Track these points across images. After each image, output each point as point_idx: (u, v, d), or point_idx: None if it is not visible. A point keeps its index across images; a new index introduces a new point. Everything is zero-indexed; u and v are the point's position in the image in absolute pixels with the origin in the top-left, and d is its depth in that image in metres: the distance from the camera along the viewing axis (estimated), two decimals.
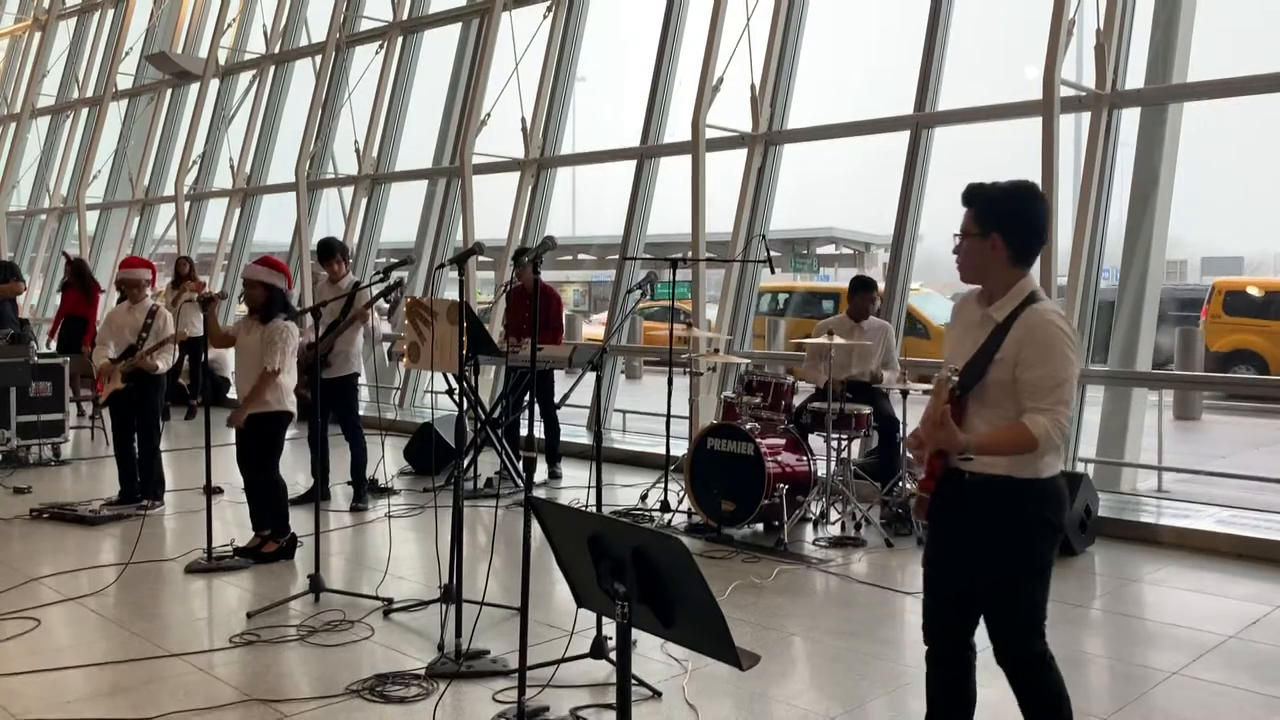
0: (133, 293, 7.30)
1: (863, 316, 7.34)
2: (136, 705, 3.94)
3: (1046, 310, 2.93)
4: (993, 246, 2.97)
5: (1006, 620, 2.99)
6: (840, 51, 16.78)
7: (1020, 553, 2.94)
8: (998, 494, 2.93)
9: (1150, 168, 7.71)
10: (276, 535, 6.02)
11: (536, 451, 5.46)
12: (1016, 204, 2.98)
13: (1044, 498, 2.96)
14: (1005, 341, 2.91)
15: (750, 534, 6.64)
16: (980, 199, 3.01)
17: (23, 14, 21.77)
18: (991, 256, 2.98)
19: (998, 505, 2.93)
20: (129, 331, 7.20)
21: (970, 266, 3.04)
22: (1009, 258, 2.97)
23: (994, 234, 2.96)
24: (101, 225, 18.17)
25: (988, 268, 3.00)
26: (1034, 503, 2.94)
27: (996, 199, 2.99)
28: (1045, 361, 2.85)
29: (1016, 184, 3.01)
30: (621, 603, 2.45)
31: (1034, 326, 2.88)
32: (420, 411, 11.85)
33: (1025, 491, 2.93)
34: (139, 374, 7.12)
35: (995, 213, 2.97)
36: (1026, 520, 2.94)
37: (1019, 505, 2.93)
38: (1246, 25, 9.16)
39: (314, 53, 14.27)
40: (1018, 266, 2.99)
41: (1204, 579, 5.79)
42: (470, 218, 11.35)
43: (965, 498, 2.97)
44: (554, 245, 4.47)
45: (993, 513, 2.94)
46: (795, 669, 4.52)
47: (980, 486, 2.94)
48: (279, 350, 5.85)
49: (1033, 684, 3.01)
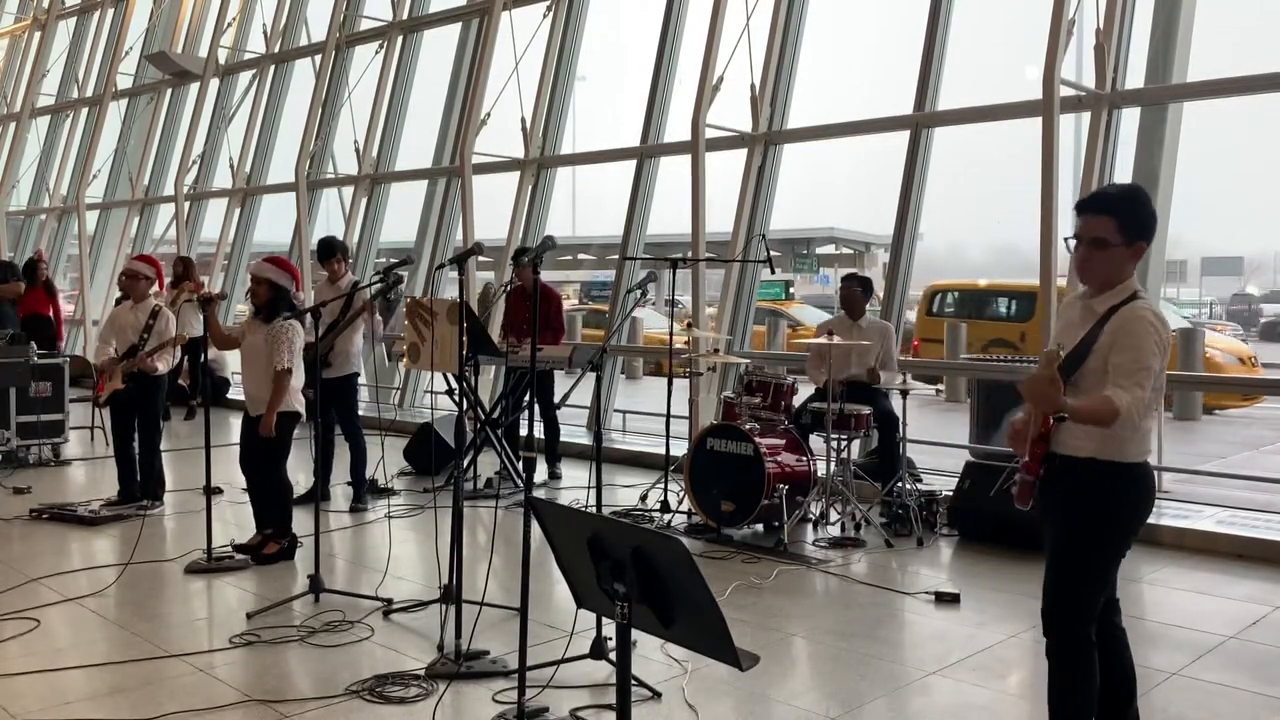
0: (132, 288, 7.29)
1: (858, 313, 7.35)
2: (136, 705, 3.94)
3: (1145, 306, 3.06)
4: (1134, 255, 3.09)
5: (1062, 599, 3.09)
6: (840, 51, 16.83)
7: (1086, 532, 3.07)
8: (1082, 475, 3.06)
9: (1150, 168, 7.71)
10: (278, 535, 6.02)
11: (536, 452, 5.47)
12: (1152, 211, 3.12)
13: (1129, 479, 3.07)
14: (1104, 331, 3.05)
15: (750, 534, 6.64)
16: (1123, 208, 3.08)
17: (23, 14, 21.77)
18: (1129, 264, 3.10)
19: (1081, 485, 3.06)
20: (131, 331, 7.19)
21: (1106, 275, 3.11)
22: (1135, 261, 3.11)
23: (1139, 242, 3.08)
24: (101, 225, 18.16)
25: (1121, 274, 3.10)
26: (1115, 486, 3.06)
27: (1140, 207, 3.10)
28: (1133, 348, 2.97)
29: (1140, 189, 3.17)
30: (621, 603, 2.45)
31: (1130, 319, 3.02)
32: (420, 411, 11.85)
33: (1108, 475, 3.05)
34: (139, 375, 7.12)
35: (1141, 222, 3.08)
36: (1101, 502, 3.06)
37: (1099, 487, 3.05)
38: (1246, 25, 9.17)
39: (314, 52, 14.27)
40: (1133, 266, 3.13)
41: (1204, 579, 5.79)
42: (470, 218, 11.35)
43: (1053, 478, 3.10)
44: (554, 245, 4.47)
45: (1075, 492, 3.06)
46: (795, 669, 4.52)
47: (1067, 467, 3.08)
48: (288, 349, 5.85)
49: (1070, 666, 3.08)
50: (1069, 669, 3.07)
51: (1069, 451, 3.08)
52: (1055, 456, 3.11)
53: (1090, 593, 3.06)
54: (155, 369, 7.12)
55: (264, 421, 5.84)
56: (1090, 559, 3.06)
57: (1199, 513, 6.89)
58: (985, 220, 40.55)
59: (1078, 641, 3.06)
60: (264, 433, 5.84)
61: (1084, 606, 3.06)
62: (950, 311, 16.45)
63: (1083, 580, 3.06)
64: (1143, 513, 3.14)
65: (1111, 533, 3.08)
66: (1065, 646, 3.08)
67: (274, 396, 5.84)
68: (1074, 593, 3.06)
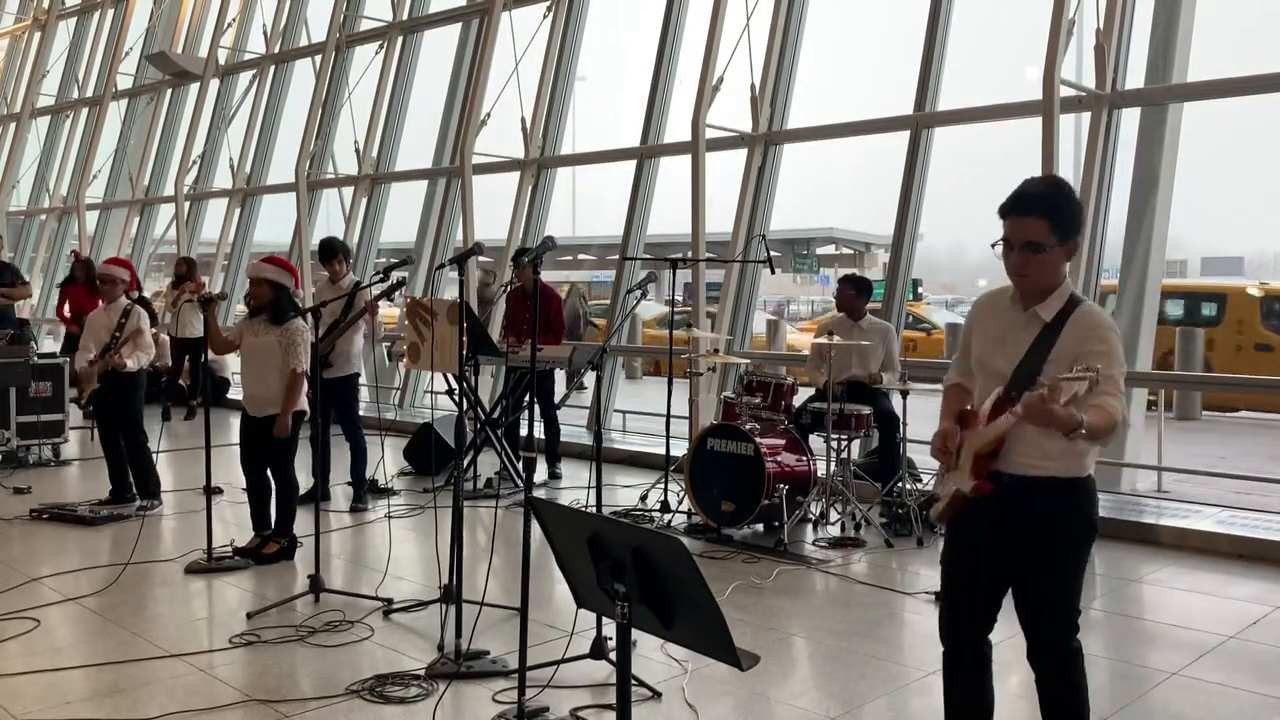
0: (108, 291, 7.30)
1: (858, 314, 7.35)
2: (136, 705, 3.94)
3: (1097, 309, 2.95)
4: (1069, 253, 2.94)
5: (1052, 616, 3.00)
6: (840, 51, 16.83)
7: (1068, 551, 2.98)
8: (1042, 495, 2.94)
9: (1150, 168, 7.71)
10: (278, 535, 6.02)
11: (536, 452, 5.47)
12: (1079, 206, 2.96)
13: (1086, 495, 2.99)
14: (1060, 341, 2.89)
15: (750, 534, 6.64)
16: (1052, 207, 2.91)
17: (23, 14, 21.77)
18: (1063, 264, 2.95)
19: (1044, 506, 2.95)
20: (105, 332, 7.22)
21: (1045, 279, 2.94)
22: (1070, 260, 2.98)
23: (1071, 241, 2.93)
24: (101, 225, 18.17)
25: (1057, 276, 2.94)
26: (1080, 502, 2.98)
27: (1070, 203, 2.92)
28: (1107, 354, 2.83)
29: (1062, 182, 2.98)
30: (621, 603, 2.45)
31: (1093, 325, 2.88)
32: (420, 412, 11.85)
33: (1069, 492, 2.96)
34: (112, 374, 7.13)
35: (1073, 219, 2.92)
36: (1072, 520, 2.97)
37: (1064, 506, 2.95)
38: (1246, 25, 9.17)
39: (314, 53, 14.27)
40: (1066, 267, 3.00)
41: (1204, 579, 5.79)
42: (470, 218, 11.35)
43: (1004, 499, 2.96)
44: (554, 245, 4.47)
45: (1038, 514, 2.95)
46: (795, 669, 4.52)
47: (1022, 488, 2.95)
48: (302, 350, 5.85)
49: (1066, 674, 3.03)
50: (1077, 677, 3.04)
51: (1024, 471, 2.93)
52: (1002, 475, 2.95)
53: (1077, 603, 3.03)
54: (124, 365, 7.10)
55: (279, 423, 5.83)
56: (1075, 575, 3.00)
57: (1199, 513, 6.89)
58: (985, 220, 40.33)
59: (1073, 651, 3.03)
60: (279, 434, 5.84)
61: (1075, 617, 3.03)
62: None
63: (1076, 592, 3.02)
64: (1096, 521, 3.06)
65: (1086, 546, 3.02)
66: (1064, 661, 3.03)
67: (289, 398, 5.83)
68: (1071, 605, 3.01)
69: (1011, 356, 2.95)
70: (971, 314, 3.21)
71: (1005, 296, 3.05)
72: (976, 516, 3.03)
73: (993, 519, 3.00)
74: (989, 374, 3.03)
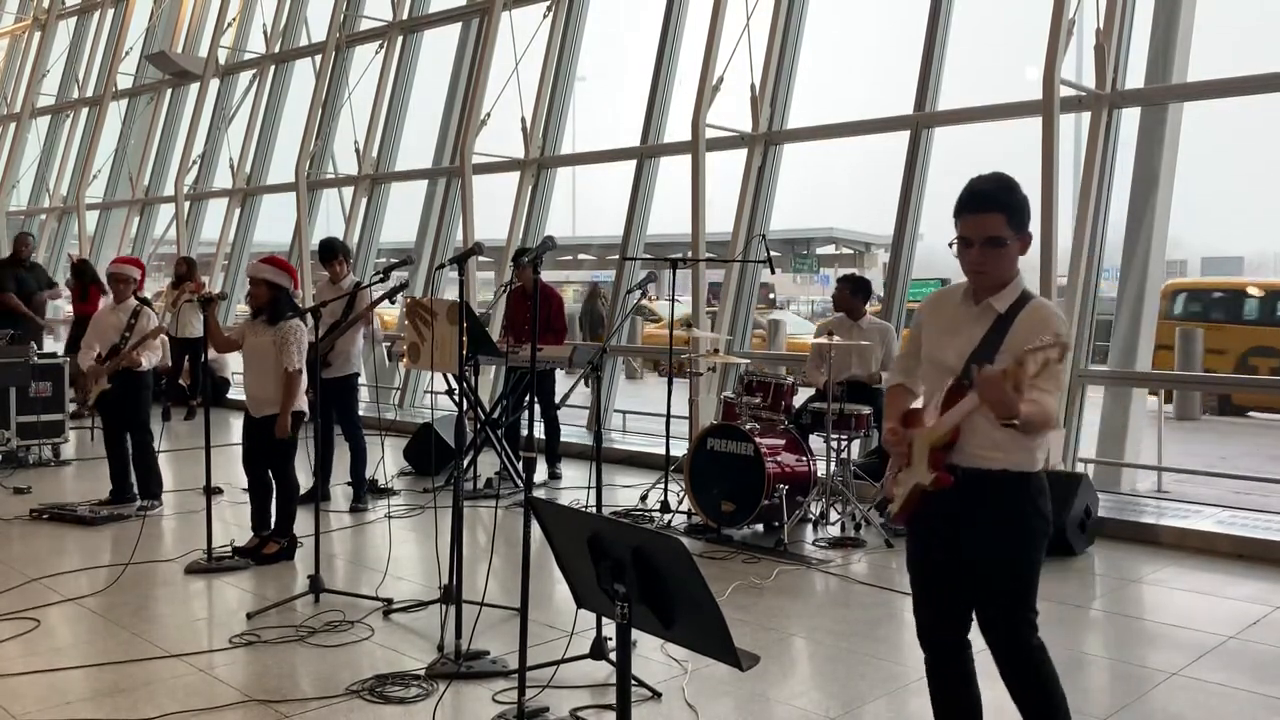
0: (118, 290, 7.29)
1: (857, 314, 7.35)
2: (136, 705, 3.94)
3: (1050, 303, 2.94)
4: (1024, 246, 2.95)
5: (1010, 614, 2.97)
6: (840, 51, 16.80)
7: (1023, 546, 2.94)
8: (997, 488, 2.92)
9: (1150, 168, 7.71)
10: (278, 534, 6.02)
11: (536, 452, 5.47)
12: (1026, 198, 2.95)
13: (1040, 491, 2.96)
14: (1011, 331, 2.88)
15: (750, 534, 6.64)
16: (1008, 203, 2.91)
17: (23, 14, 21.77)
18: (1017, 257, 2.95)
19: (999, 499, 2.92)
20: (113, 331, 7.21)
21: (1002, 274, 2.94)
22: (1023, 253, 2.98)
23: (1025, 233, 2.94)
24: (101, 225, 18.17)
25: (1011, 269, 2.95)
26: (1033, 496, 2.94)
27: (1020, 197, 2.93)
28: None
29: (1008, 177, 2.96)
30: (621, 603, 2.45)
31: (1045, 319, 2.87)
32: (420, 412, 11.85)
33: (1023, 485, 2.93)
34: (124, 373, 7.12)
35: (1025, 212, 2.94)
36: (1027, 514, 2.94)
37: (1019, 499, 2.92)
38: (1246, 25, 9.17)
39: (314, 53, 14.27)
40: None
41: (1204, 579, 5.79)
42: (470, 218, 11.35)
43: (960, 492, 2.93)
44: (554, 245, 4.47)
45: (994, 507, 2.92)
46: (795, 669, 4.52)
47: (977, 481, 2.92)
48: (296, 350, 5.85)
49: (1032, 672, 3.00)
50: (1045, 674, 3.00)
51: (978, 464, 2.91)
52: (956, 468, 2.93)
53: (1034, 600, 2.99)
54: (138, 364, 7.11)
55: (279, 424, 5.83)
56: (1033, 571, 2.97)
57: (1199, 513, 6.89)
58: None
59: (1034, 648, 2.98)
60: (280, 435, 5.84)
61: (1033, 615, 2.98)
62: (1196, 313, 14.31)
63: (1033, 589, 2.98)
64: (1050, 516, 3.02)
65: (1043, 541, 2.98)
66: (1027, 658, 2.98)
67: (286, 398, 5.84)
68: (1026, 605, 2.97)
69: (963, 349, 2.94)
70: (920, 312, 3.18)
71: (956, 293, 3.04)
72: (938, 512, 2.99)
73: (953, 513, 2.97)
74: (939, 369, 3.01)
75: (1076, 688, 4.20)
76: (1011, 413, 2.66)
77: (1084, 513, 6.29)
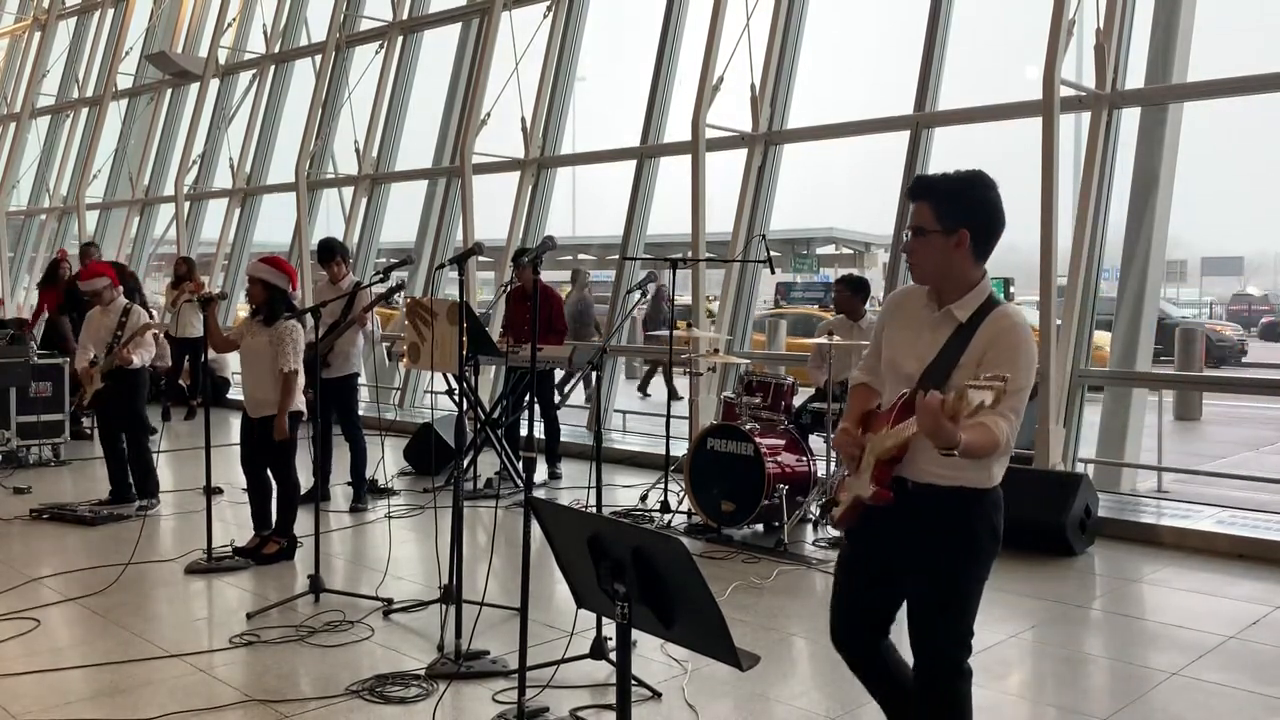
0: (99, 298, 7.30)
1: (857, 314, 7.35)
2: (136, 705, 3.94)
3: (1015, 313, 2.77)
4: (958, 244, 2.77)
5: (946, 631, 2.85)
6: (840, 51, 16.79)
7: (968, 561, 2.82)
8: (948, 504, 2.79)
9: (1150, 168, 7.71)
10: (278, 534, 6.02)
11: (536, 452, 5.47)
12: (980, 195, 2.78)
13: (994, 508, 2.85)
14: (972, 343, 2.74)
15: (750, 534, 6.64)
16: (938, 192, 2.77)
17: (23, 14, 21.77)
18: (955, 255, 2.77)
19: (949, 516, 2.79)
20: (106, 333, 7.23)
21: (931, 267, 2.80)
22: (973, 255, 2.79)
23: (961, 230, 2.76)
24: (101, 225, 18.17)
25: (950, 267, 2.79)
26: (985, 513, 2.83)
27: (960, 191, 2.77)
28: (1011, 365, 2.63)
29: (974, 174, 2.82)
30: (621, 603, 2.45)
31: (1005, 330, 2.72)
32: (420, 412, 11.85)
33: (976, 502, 2.81)
34: (117, 372, 7.13)
35: (961, 207, 2.76)
36: (977, 531, 2.82)
37: (970, 516, 2.81)
38: (1246, 25, 9.18)
39: (314, 53, 14.27)
40: (979, 264, 2.81)
41: (1204, 579, 5.79)
42: (470, 218, 11.35)
43: (907, 507, 2.81)
44: (554, 245, 4.47)
45: (943, 523, 2.80)
46: (795, 670, 4.52)
47: (927, 496, 2.79)
48: (292, 350, 5.85)
49: (954, 695, 2.87)
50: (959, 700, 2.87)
51: (928, 479, 2.78)
52: (905, 482, 2.80)
53: (972, 622, 2.86)
54: (130, 361, 7.11)
55: (277, 425, 5.84)
56: (976, 590, 2.84)
57: (1199, 513, 6.89)
58: None
59: (962, 672, 2.87)
60: (279, 436, 5.84)
61: (969, 636, 2.87)
62: None
63: (970, 612, 2.85)
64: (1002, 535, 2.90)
65: (990, 560, 2.85)
66: (951, 678, 2.86)
67: (284, 398, 5.84)
68: (964, 625, 2.85)
69: (923, 357, 2.80)
70: (883, 312, 3.07)
71: (920, 294, 2.90)
72: (880, 526, 2.87)
73: (895, 528, 2.84)
74: (896, 374, 2.89)
75: (1076, 688, 4.21)
76: (948, 444, 2.53)
77: (1084, 513, 6.29)
